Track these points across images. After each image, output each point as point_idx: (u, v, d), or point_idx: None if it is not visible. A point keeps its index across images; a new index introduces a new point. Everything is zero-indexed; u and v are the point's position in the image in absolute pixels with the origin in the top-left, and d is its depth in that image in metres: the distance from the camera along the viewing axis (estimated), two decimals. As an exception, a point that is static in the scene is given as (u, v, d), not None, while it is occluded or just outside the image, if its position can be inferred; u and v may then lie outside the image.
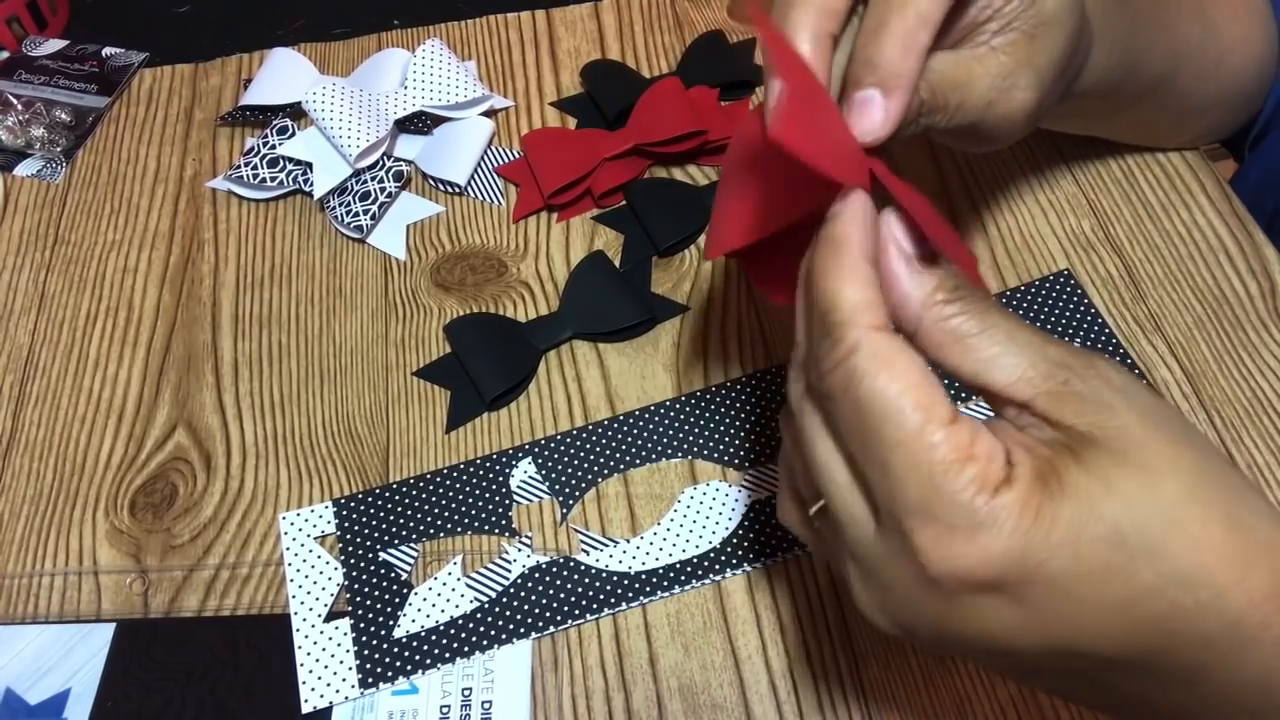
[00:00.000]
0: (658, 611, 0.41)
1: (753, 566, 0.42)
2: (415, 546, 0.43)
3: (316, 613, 0.42)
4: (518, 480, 0.45)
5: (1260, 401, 0.45)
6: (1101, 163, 0.53)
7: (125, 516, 0.45)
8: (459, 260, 0.53)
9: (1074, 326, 0.48)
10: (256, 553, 0.44)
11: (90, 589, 0.43)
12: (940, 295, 0.26)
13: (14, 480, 0.47)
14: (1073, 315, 0.48)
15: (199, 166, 0.58)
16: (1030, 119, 0.34)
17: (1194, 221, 0.51)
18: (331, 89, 0.55)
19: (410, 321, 0.51)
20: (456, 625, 0.41)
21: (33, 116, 0.59)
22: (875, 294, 0.26)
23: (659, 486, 0.44)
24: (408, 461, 0.46)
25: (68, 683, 0.41)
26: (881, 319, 0.26)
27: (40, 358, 0.51)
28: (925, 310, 0.26)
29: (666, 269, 0.52)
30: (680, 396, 0.47)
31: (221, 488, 0.46)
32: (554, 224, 0.54)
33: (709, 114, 0.55)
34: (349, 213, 0.53)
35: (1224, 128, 0.53)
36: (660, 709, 0.39)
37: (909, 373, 0.25)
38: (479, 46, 0.63)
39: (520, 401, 0.48)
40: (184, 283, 0.53)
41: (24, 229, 0.56)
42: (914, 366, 0.25)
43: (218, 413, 0.48)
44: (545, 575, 0.42)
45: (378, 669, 0.40)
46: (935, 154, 0.55)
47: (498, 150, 0.57)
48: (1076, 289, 0.49)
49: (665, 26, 0.63)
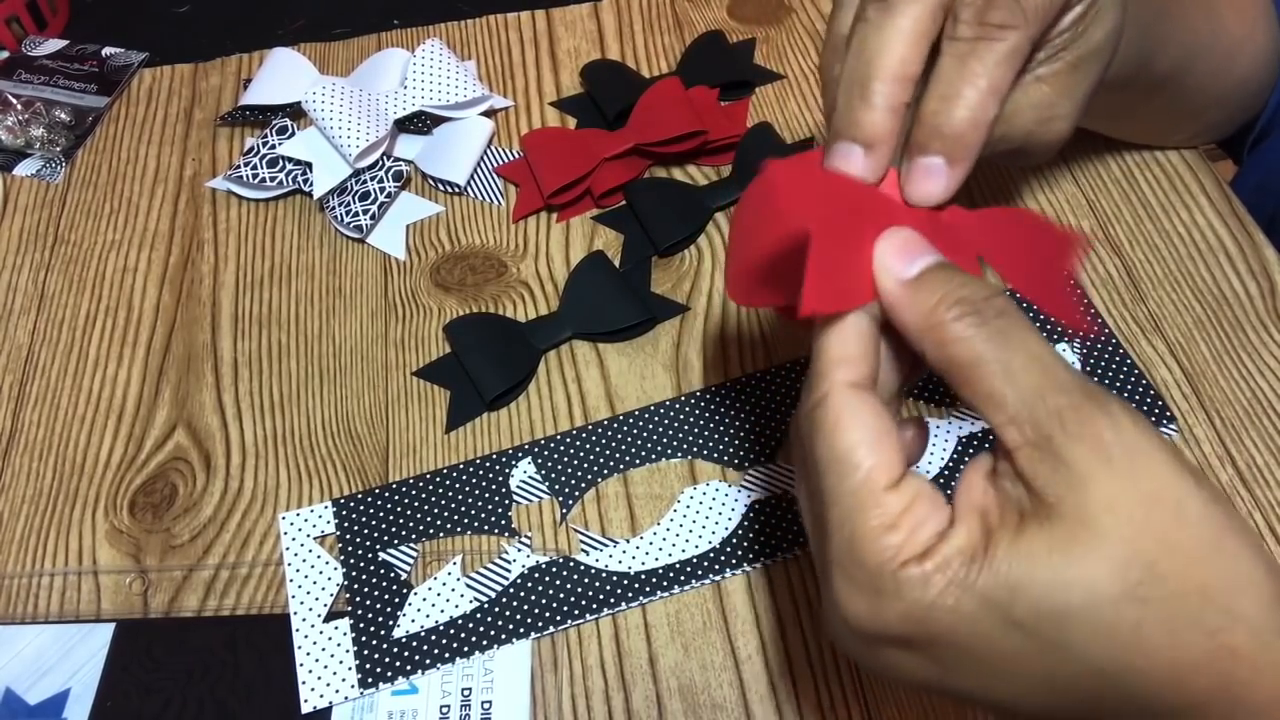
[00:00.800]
0: (657, 611, 0.41)
1: (753, 566, 0.42)
2: (415, 546, 0.43)
3: (316, 613, 0.42)
4: (518, 480, 0.45)
5: (1260, 401, 0.45)
6: (1101, 163, 0.53)
7: (125, 516, 0.45)
8: (459, 260, 0.53)
9: (1074, 327, 0.48)
10: (256, 553, 0.44)
11: (90, 589, 0.43)
12: (941, 314, 0.26)
13: (14, 480, 0.47)
14: (1073, 315, 0.48)
15: (199, 166, 0.58)
16: (1063, 143, 0.34)
17: (1194, 222, 0.51)
18: (331, 89, 0.55)
19: (410, 321, 0.51)
20: (456, 625, 0.41)
21: (32, 116, 0.59)
22: (861, 349, 0.27)
23: (659, 486, 0.44)
24: (407, 461, 0.46)
25: (67, 683, 0.41)
26: (857, 375, 0.27)
27: (40, 358, 0.51)
28: (925, 336, 0.26)
29: (666, 269, 0.52)
30: (680, 396, 0.47)
31: (221, 488, 0.46)
32: (554, 224, 0.54)
33: (709, 114, 0.55)
34: (349, 213, 0.53)
35: (1227, 126, 0.53)
36: (660, 709, 0.39)
37: (864, 431, 0.26)
38: (479, 46, 0.63)
39: (520, 401, 0.48)
40: (184, 283, 0.53)
41: (24, 229, 0.56)
42: (871, 425, 0.26)
43: (217, 413, 0.48)
44: (545, 575, 0.42)
45: (377, 669, 0.40)
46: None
47: (498, 150, 0.57)
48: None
49: (665, 26, 0.63)
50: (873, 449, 0.25)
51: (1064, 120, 0.33)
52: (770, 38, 0.62)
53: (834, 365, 0.27)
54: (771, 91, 0.59)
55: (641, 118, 0.54)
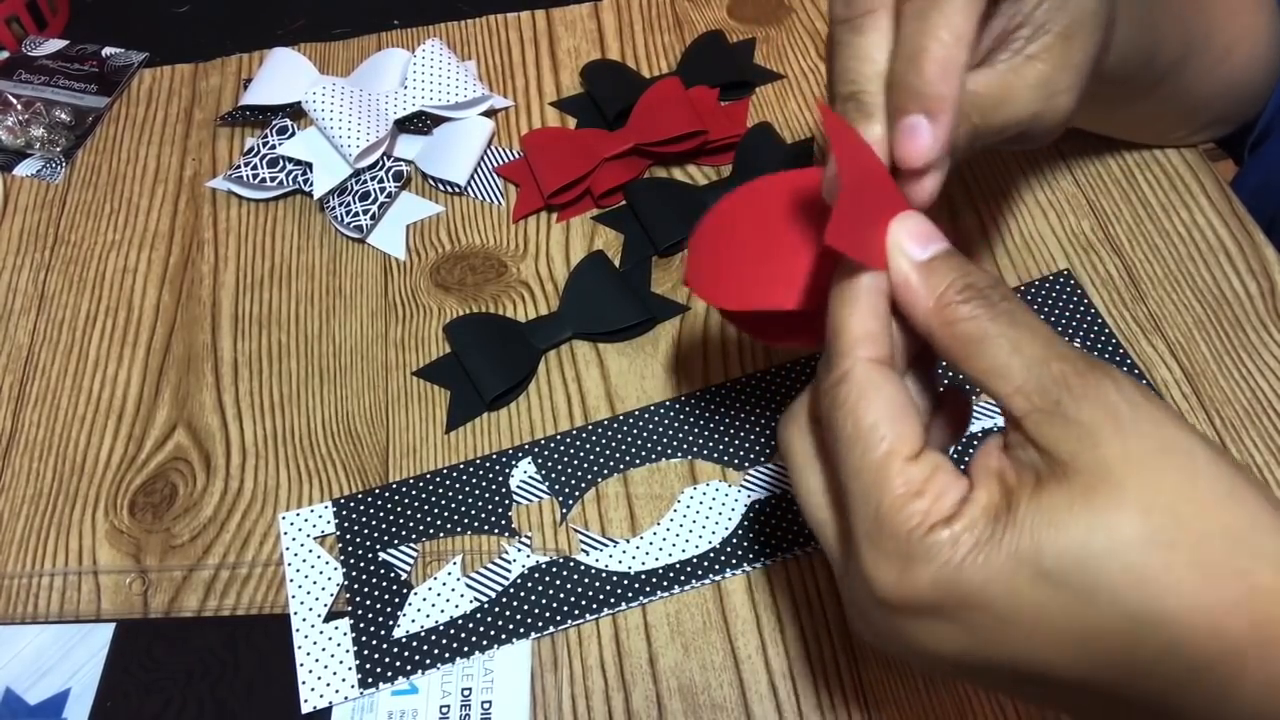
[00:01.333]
0: (658, 611, 0.41)
1: (753, 566, 0.42)
2: (415, 546, 0.43)
3: (316, 613, 0.42)
4: (518, 480, 0.45)
5: (1260, 401, 0.45)
6: (1101, 163, 0.53)
7: (125, 516, 0.45)
8: (459, 260, 0.53)
9: (1074, 327, 0.48)
10: (256, 553, 0.44)
11: (90, 589, 0.43)
12: (950, 296, 0.27)
13: (14, 480, 0.47)
14: (1073, 315, 0.48)
15: (199, 166, 0.58)
16: (1070, 119, 0.34)
17: (1194, 222, 0.51)
18: (331, 89, 0.55)
19: (410, 321, 0.51)
20: (456, 625, 0.41)
21: (33, 116, 0.59)
22: (880, 326, 0.28)
23: (659, 486, 0.44)
24: (408, 461, 0.46)
25: (67, 683, 0.41)
26: (879, 351, 0.27)
27: (40, 358, 0.51)
28: (933, 316, 0.27)
29: (666, 269, 0.52)
30: (680, 396, 0.47)
31: (221, 488, 0.46)
32: (554, 224, 0.54)
33: (709, 114, 0.55)
34: (349, 213, 0.53)
35: (1226, 123, 0.53)
36: (660, 709, 0.39)
37: (887, 405, 0.26)
38: (479, 46, 0.63)
39: (520, 401, 0.48)
40: (184, 283, 0.53)
41: (24, 229, 0.56)
42: (894, 400, 0.26)
43: (217, 413, 0.48)
44: (545, 575, 0.42)
45: (377, 669, 0.40)
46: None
47: (498, 150, 0.57)
48: (1076, 289, 0.49)
49: (665, 26, 0.63)
50: (895, 422, 0.26)
51: (1067, 94, 0.33)
52: (770, 38, 0.62)
53: (856, 342, 0.27)
54: (771, 91, 0.59)
55: (641, 118, 0.54)
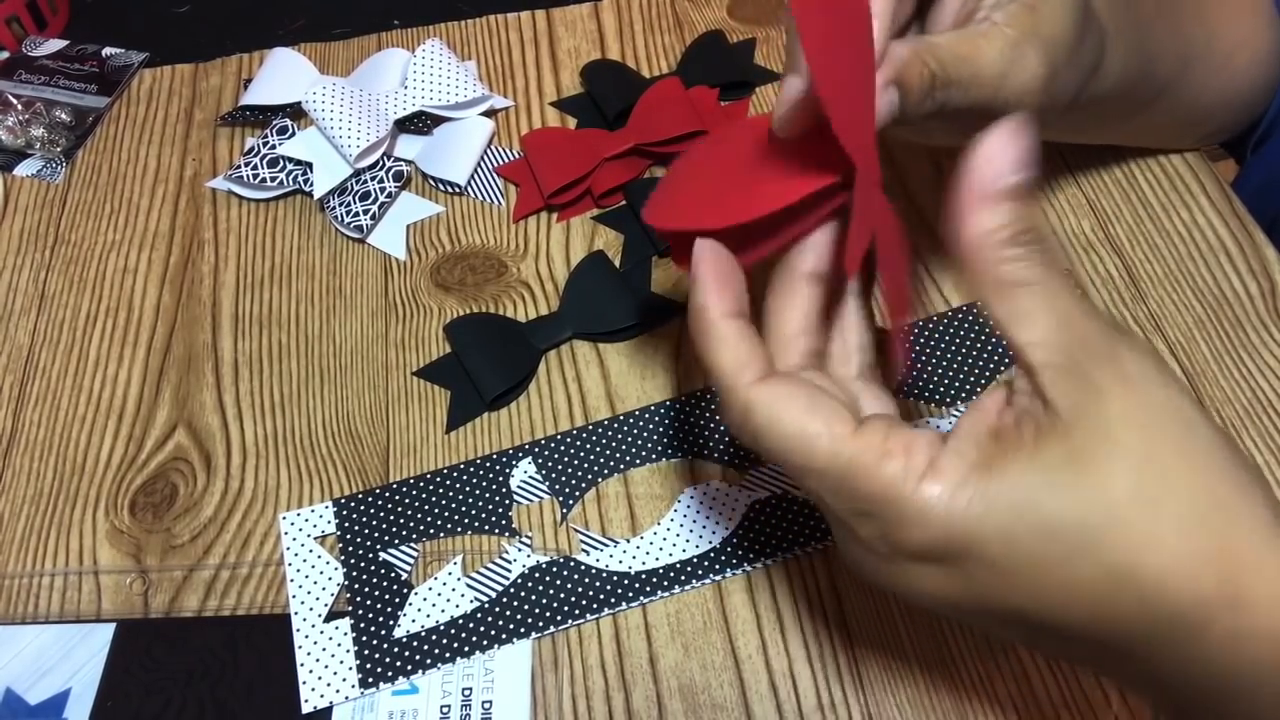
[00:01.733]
0: (658, 611, 0.41)
1: (753, 566, 0.42)
2: (415, 546, 0.43)
3: (316, 613, 0.42)
4: (518, 480, 0.45)
5: (1260, 401, 0.45)
6: (1101, 163, 0.53)
7: (125, 516, 0.45)
8: (459, 260, 0.53)
9: (1074, 326, 0.48)
10: (256, 553, 0.44)
11: (90, 589, 0.43)
12: (1001, 234, 0.27)
13: (14, 480, 0.47)
14: (1073, 315, 0.48)
15: (199, 166, 0.58)
16: (1044, 94, 0.34)
17: (1194, 222, 0.51)
18: (331, 89, 0.55)
19: (410, 321, 0.51)
20: (456, 625, 0.41)
21: (33, 116, 0.59)
22: (747, 348, 0.28)
23: (659, 486, 0.44)
24: (408, 461, 0.46)
25: (68, 683, 0.41)
26: (758, 371, 0.28)
27: (40, 358, 0.51)
28: (978, 247, 0.27)
29: (666, 269, 0.52)
30: (680, 396, 0.47)
31: (221, 488, 0.46)
32: (554, 224, 0.54)
33: (709, 114, 0.55)
34: (349, 213, 0.53)
35: (1230, 128, 0.53)
36: (660, 709, 0.39)
37: (800, 407, 0.27)
38: (479, 46, 0.63)
39: (520, 401, 0.48)
40: (184, 283, 0.53)
41: (24, 229, 0.56)
42: (800, 400, 0.27)
43: (218, 413, 0.48)
44: (545, 575, 0.42)
45: (378, 669, 0.40)
46: (935, 155, 0.55)
47: (498, 150, 0.57)
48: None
49: (665, 26, 0.63)
50: (816, 413, 0.27)
51: (1035, 63, 0.33)
52: (770, 38, 0.62)
53: (737, 373, 0.28)
54: (771, 91, 0.59)
55: (642, 118, 0.54)
